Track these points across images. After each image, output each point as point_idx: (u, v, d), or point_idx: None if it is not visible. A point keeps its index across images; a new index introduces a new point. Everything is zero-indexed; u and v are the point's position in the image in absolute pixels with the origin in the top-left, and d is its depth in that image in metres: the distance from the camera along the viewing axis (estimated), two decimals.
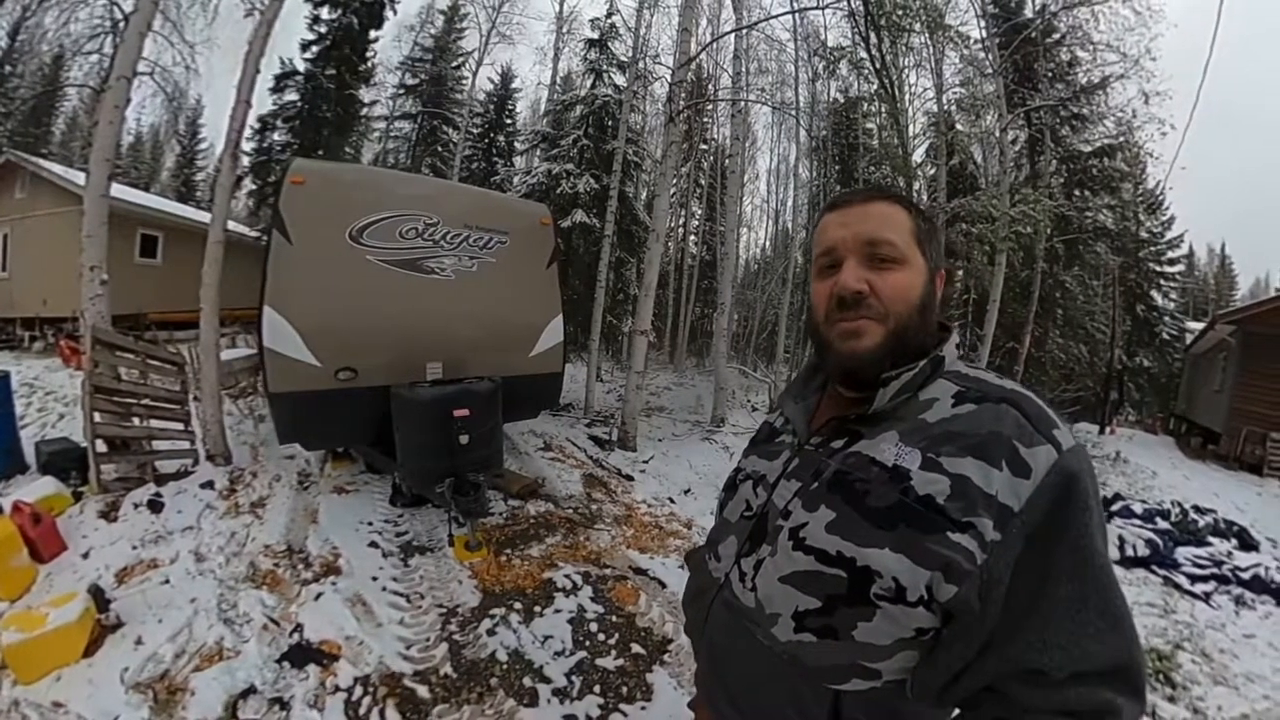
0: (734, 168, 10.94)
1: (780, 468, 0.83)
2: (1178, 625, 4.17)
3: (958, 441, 0.66)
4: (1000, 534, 0.61)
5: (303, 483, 4.41)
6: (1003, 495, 0.61)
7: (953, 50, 11.11)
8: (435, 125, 17.75)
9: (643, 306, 7.31)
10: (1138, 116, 10.57)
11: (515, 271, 4.57)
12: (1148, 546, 5.45)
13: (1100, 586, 0.61)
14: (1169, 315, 20.11)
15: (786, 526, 0.75)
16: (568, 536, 4.01)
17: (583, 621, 2.95)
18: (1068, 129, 12.92)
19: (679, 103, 6.90)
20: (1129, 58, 10.25)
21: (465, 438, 3.63)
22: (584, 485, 5.29)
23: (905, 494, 0.65)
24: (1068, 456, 0.63)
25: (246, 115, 4.58)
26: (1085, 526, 0.61)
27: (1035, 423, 0.65)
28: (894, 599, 0.64)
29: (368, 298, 3.79)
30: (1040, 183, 11.85)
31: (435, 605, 2.93)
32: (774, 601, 0.73)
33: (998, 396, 0.69)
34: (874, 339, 0.73)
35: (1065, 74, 12.12)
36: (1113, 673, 0.60)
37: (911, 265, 0.75)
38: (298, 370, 3.51)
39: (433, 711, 2.20)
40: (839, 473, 0.73)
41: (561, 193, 10.71)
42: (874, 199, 0.79)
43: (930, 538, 0.62)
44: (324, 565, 3.19)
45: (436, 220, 4.08)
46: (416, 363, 4.00)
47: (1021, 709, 0.61)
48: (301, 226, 3.55)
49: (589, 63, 12.63)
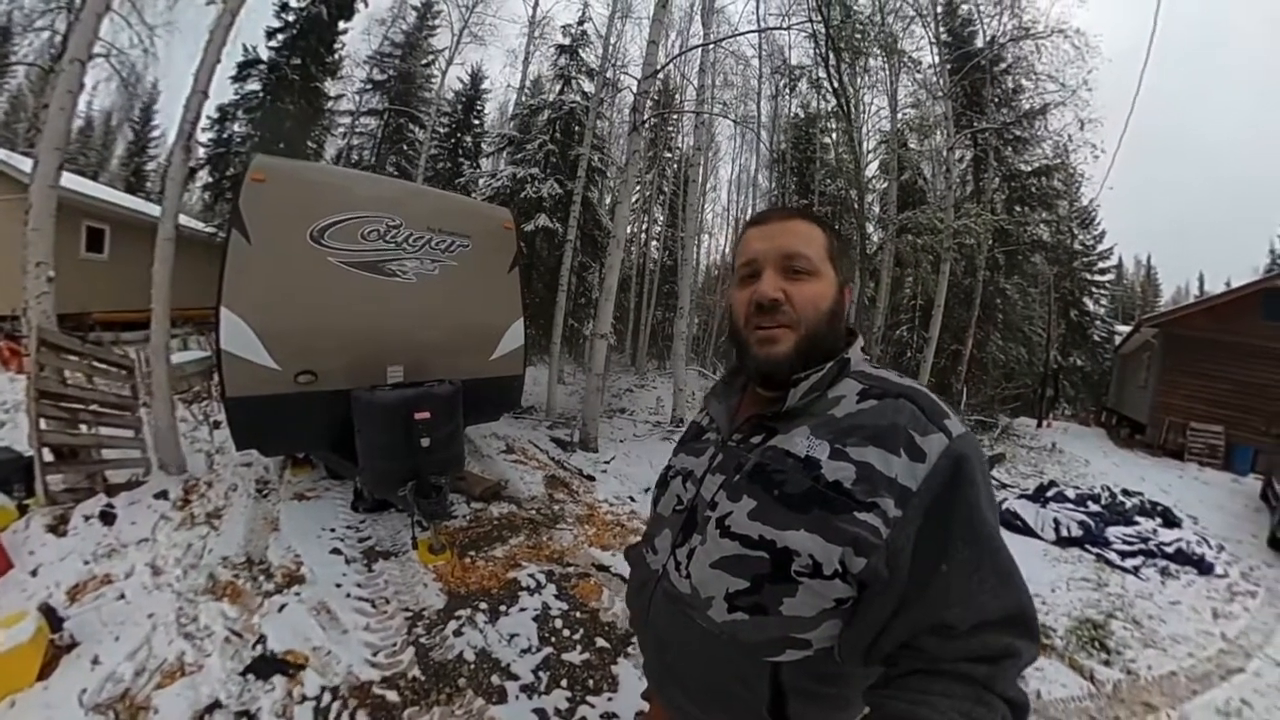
0: (696, 177, 11.10)
1: (706, 463, 0.89)
2: (1110, 597, 4.49)
3: (862, 433, 0.74)
4: (901, 511, 0.68)
5: (261, 490, 4.29)
6: (902, 477, 0.69)
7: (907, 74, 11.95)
8: (402, 123, 17.20)
9: (603, 310, 7.33)
10: (1073, 141, 11.65)
11: (477, 275, 4.54)
12: (1081, 527, 5.79)
13: (991, 549, 0.68)
14: (1100, 319, 21.74)
15: (714, 516, 0.81)
16: (531, 537, 4.02)
17: (548, 619, 2.98)
18: (1010, 150, 13.87)
19: (644, 112, 6.97)
20: (1067, 88, 11.24)
21: (427, 440, 3.61)
22: (546, 486, 5.30)
23: (816, 481, 0.72)
24: (957, 442, 0.71)
25: (202, 106, 4.35)
26: (975, 500, 0.69)
27: (929, 414, 0.74)
28: (811, 574, 0.71)
29: (328, 300, 3.70)
30: (983, 198, 12.76)
31: (401, 610, 2.91)
32: (707, 586, 0.79)
33: (896, 392, 0.77)
34: (787, 345, 0.80)
35: (1009, 100, 13.10)
36: (1008, 620, 0.67)
37: (823, 277, 0.82)
38: (255, 373, 3.41)
39: (403, 715, 2.20)
40: (758, 465, 0.80)
41: (526, 197, 10.59)
42: (793, 217, 0.87)
43: (839, 517, 0.70)
44: (286, 574, 3.12)
45: (399, 222, 4.02)
46: (377, 366, 3.94)
47: (934, 659, 0.67)
48: (261, 226, 3.45)
49: (559, 68, 12.51)
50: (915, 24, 12.02)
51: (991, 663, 0.65)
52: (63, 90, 3.89)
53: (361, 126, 17.50)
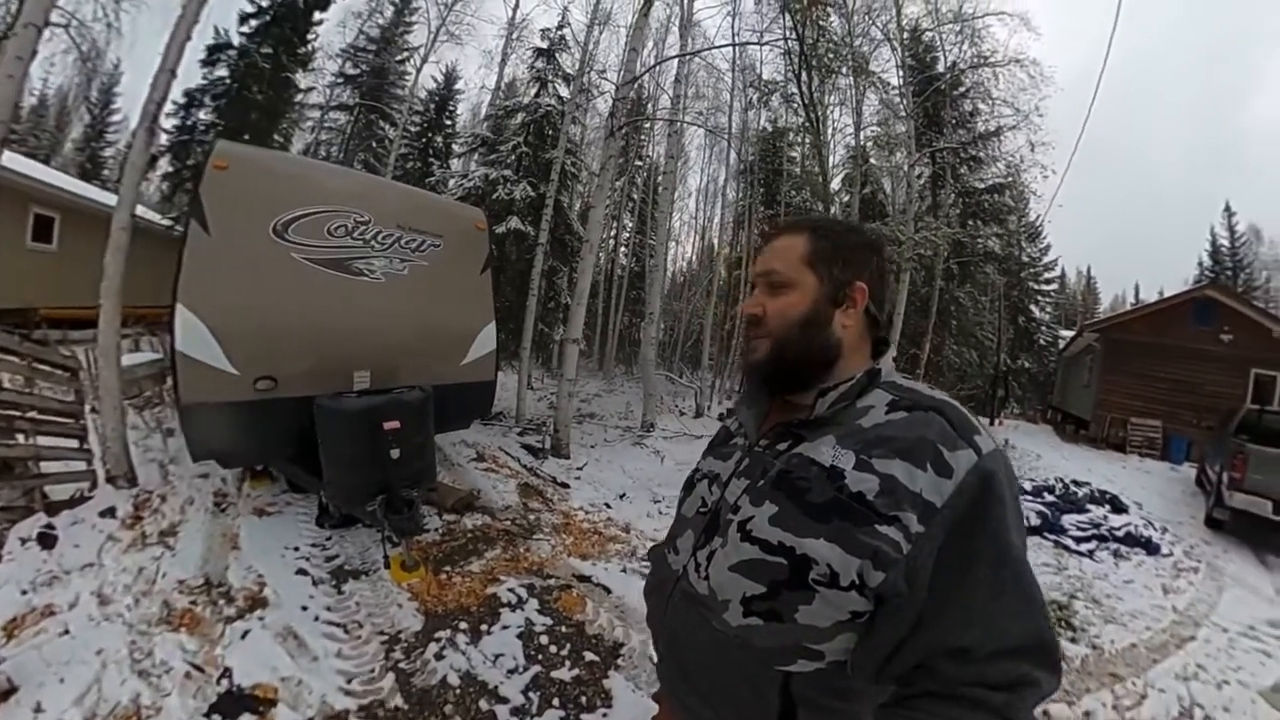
0: (667, 184, 11.21)
1: (732, 467, 0.89)
2: (1070, 579, 4.81)
3: (888, 445, 0.72)
4: (924, 526, 0.66)
5: (219, 505, 3.97)
6: (926, 492, 0.67)
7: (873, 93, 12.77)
8: (372, 120, 16.69)
9: (575, 315, 7.28)
10: (1025, 161, 12.63)
11: (448, 276, 4.36)
12: (1039, 517, 6.15)
13: (1015, 572, 0.67)
14: (1045, 325, 23.42)
15: (735, 520, 0.80)
16: (508, 549, 3.87)
17: (532, 635, 2.86)
18: (966, 168, 14.86)
19: (620, 118, 6.94)
20: (1021, 113, 12.14)
21: (397, 452, 3.40)
22: (520, 495, 5.15)
23: (840, 491, 0.71)
24: (986, 459, 0.69)
25: (170, 87, 4.02)
26: (1001, 519, 0.67)
27: (958, 429, 0.72)
28: (828, 584, 0.69)
29: (291, 299, 3.46)
30: (940, 212, 13.61)
31: (376, 633, 2.72)
32: (725, 589, 0.78)
33: (927, 405, 0.75)
34: (761, 353, 0.86)
35: (967, 122, 14.15)
36: (1029, 649, 0.65)
37: (795, 288, 0.85)
38: (212, 378, 3.15)
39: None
40: (782, 472, 0.79)
41: (498, 198, 10.42)
42: (781, 233, 0.91)
43: (860, 529, 0.68)
44: (248, 598, 2.86)
45: (368, 218, 3.80)
46: (342, 371, 3.71)
47: (949, 682, 0.65)
48: (222, 216, 3.20)
49: (535, 71, 12.40)
50: (883, 46, 12.72)
51: (1008, 691, 0.64)
52: (12, 55, 3.50)
53: (331, 121, 16.96)
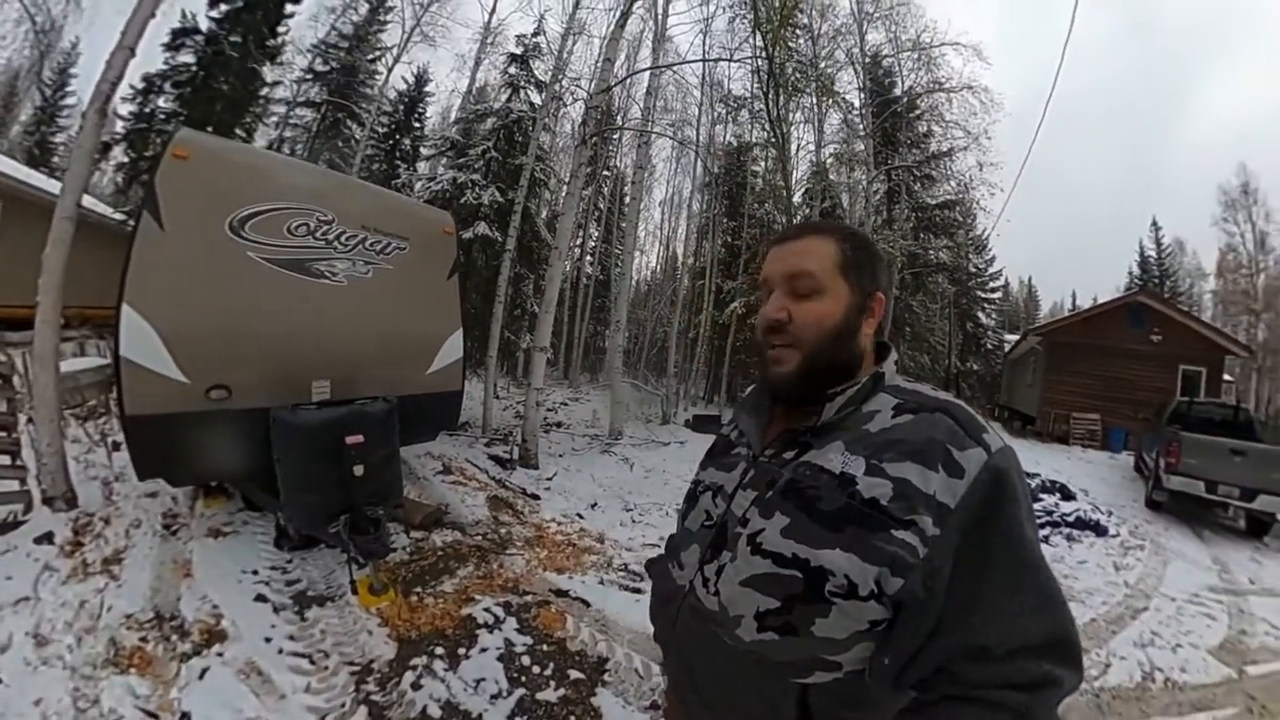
0: (634, 194, 11.30)
1: (737, 478, 0.85)
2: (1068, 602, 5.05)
3: (898, 448, 0.71)
4: (939, 529, 0.65)
5: (169, 527, 3.64)
6: (940, 494, 0.66)
7: (835, 113, 13.58)
8: (340, 118, 16.03)
9: (543, 323, 7.20)
10: (974, 180, 13.68)
11: (414, 281, 4.16)
12: None
13: (1032, 569, 0.66)
14: (991, 330, 24.76)
15: (745, 533, 0.77)
16: (480, 566, 3.71)
17: (513, 656, 2.73)
18: (919, 185, 15.89)
19: (592, 126, 6.90)
20: (971, 135, 13.19)
21: (360, 468, 3.16)
22: (489, 508, 4.99)
23: (852, 498, 0.69)
24: (996, 457, 0.69)
25: (127, 65, 3.68)
26: (1015, 517, 0.67)
27: (966, 428, 0.71)
28: (846, 595, 0.67)
29: (247, 301, 3.21)
30: (895, 226, 14.62)
31: (345, 663, 2.53)
32: (736, 604, 0.75)
33: (933, 406, 0.74)
34: (791, 365, 0.80)
35: (921, 142, 15.20)
36: (1049, 646, 0.64)
37: (830, 294, 0.79)
38: (160, 387, 2.88)
39: None
40: (791, 481, 0.76)
41: (465, 203, 10.19)
42: (805, 234, 0.85)
43: (876, 536, 0.66)
44: (204, 631, 2.61)
45: (331, 218, 3.58)
46: (301, 380, 3.45)
47: (969, 684, 0.64)
48: (177, 209, 2.94)
49: (508, 77, 12.24)
50: (846, 69, 13.59)
51: (1029, 691, 0.63)
52: None
53: (297, 118, 16.23)
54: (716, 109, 14.55)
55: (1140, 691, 3.13)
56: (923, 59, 13.82)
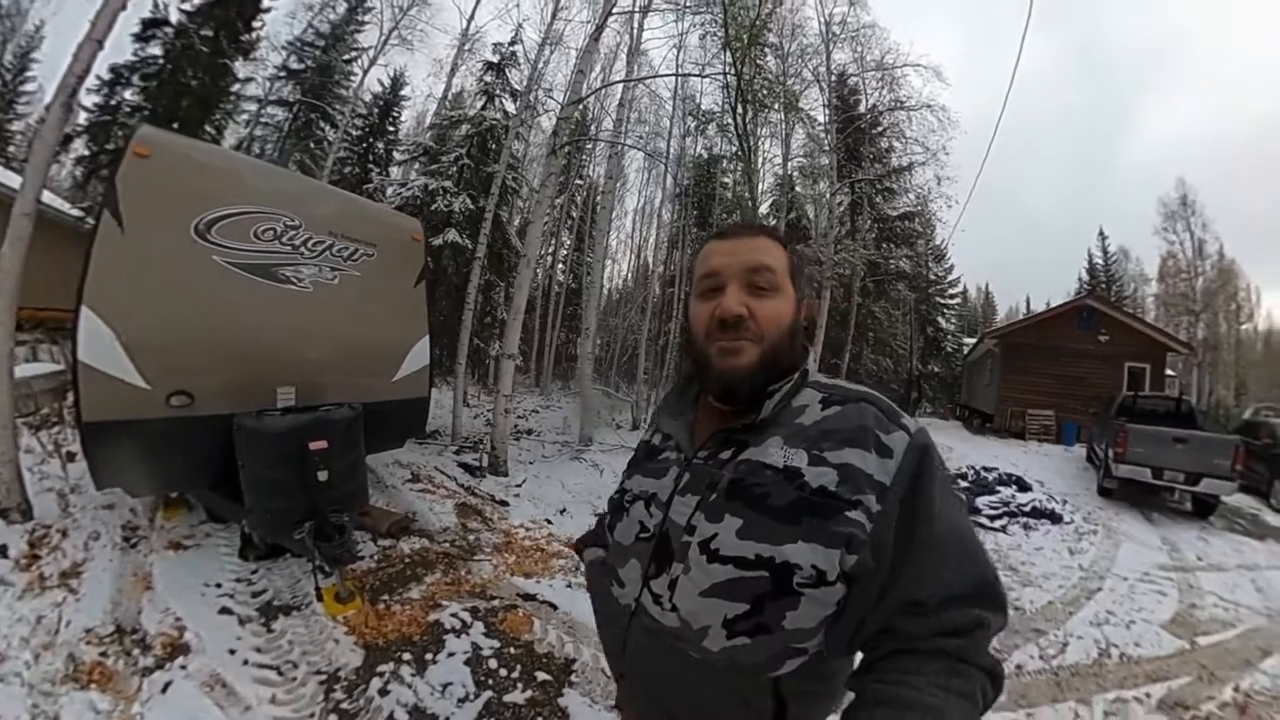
0: (605, 204, 11.38)
1: (672, 484, 0.83)
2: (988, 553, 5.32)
3: (834, 437, 0.74)
4: (881, 505, 0.70)
5: (129, 539, 3.55)
6: (877, 474, 0.71)
7: (801, 128, 13.94)
8: (312, 119, 15.53)
9: (511, 330, 7.18)
10: (932, 193, 14.40)
11: (381, 288, 4.14)
12: None
13: (955, 528, 0.71)
14: (951, 334, 25.63)
15: (695, 541, 0.75)
16: (448, 572, 3.71)
17: (480, 660, 2.75)
18: (881, 197, 16.55)
19: (564, 136, 6.97)
20: (930, 151, 13.69)
21: (324, 473, 3.13)
22: (458, 515, 4.97)
23: (802, 489, 0.71)
24: (917, 436, 0.75)
25: (95, 58, 3.57)
26: (937, 485, 0.72)
27: (888, 415, 0.76)
28: (815, 584, 0.69)
29: (211, 306, 3.16)
30: (858, 236, 15.26)
31: (312, 673, 2.51)
32: (699, 617, 0.74)
33: (856, 397, 0.79)
34: (750, 358, 0.78)
35: (883, 157, 15.67)
36: (975, 594, 0.69)
37: (784, 294, 0.82)
38: (120, 393, 2.81)
39: None
40: (734, 481, 0.76)
41: (436, 210, 10.10)
42: (757, 234, 0.85)
43: (832, 521, 0.69)
44: (167, 645, 2.56)
45: (299, 223, 3.55)
46: (265, 387, 3.42)
47: (911, 637, 0.68)
48: (139, 210, 2.88)
49: (484, 84, 12.21)
50: (813, 87, 14.04)
51: (963, 635, 0.68)
52: None
53: (268, 117, 15.63)
54: (688, 122, 14.81)
55: (1098, 667, 3.30)
56: (886, 79, 14.37)
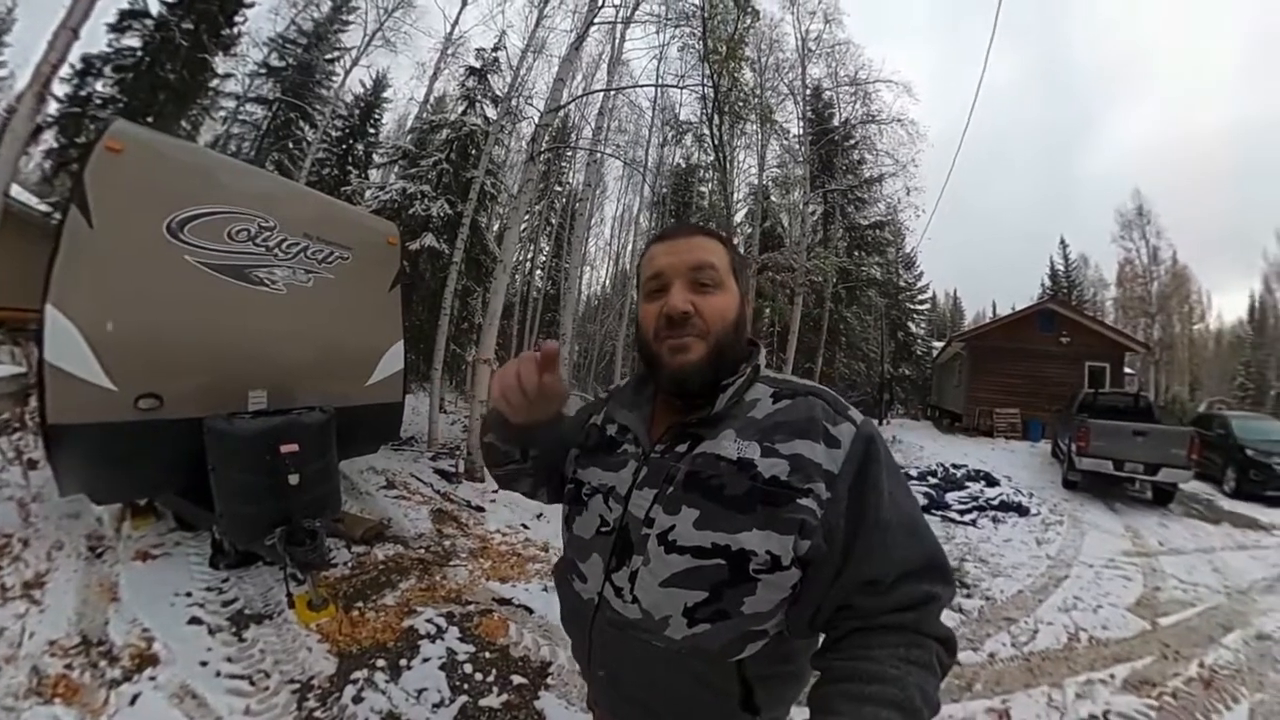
0: (583, 211, 11.46)
1: (630, 478, 0.85)
2: (959, 545, 5.58)
3: (785, 429, 0.77)
4: (830, 492, 0.73)
5: (94, 549, 3.44)
6: (826, 464, 0.74)
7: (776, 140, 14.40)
8: (292, 118, 15.18)
9: (487, 335, 7.16)
10: (901, 203, 14.89)
11: (355, 291, 4.10)
12: (925, 498, 7.12)
13: (901, 511, 0.75)
14: (920, 338, 26.87)
15: (653, 534, 0.78)
16: (423, 578, 3.69)
17: (455, 665, 2.74)
18: (853, 207, 17.52)
19: (542, 143, 7.01)
20: (900, 163, 14.40)
21: (296, 477, 3.09)
22: (433, 521, 4.94)
23: (755, 479, 0.74)
24: (862, 427, 0.78)
25: (70, 47, 3.51)
26: (883, 473, 0.76)
27: (835, 408, 0.80)
28: (771, 569, 0.73)
29: (182, 307, 3.09)
30: (830, 244, 15.85)
31: (285, 682, 2.47)
32: (661, 606, 0.77)
33: (805, 391, 0.83)
34: (698, 353, 0.80)
35: (855, 169, 16.56)
36: (925, 570, 0.73)
37: (728, 290, 0.84)
38: (87, 395, 2.72)
39: None
40: (690, 473, 0.78)
41: (414, 214, 9.98)
42: (697, 233, 0.88)
43: (784, 509, 0.72)
44: (135, 656, 2.48)
45: (274, 224, 3.51)
46: (236, 390, 3.35)
47: (868, 614, 0.72)
48: (109, 206, 2.80)
49: (466, 89, 12.15)
50: (788, 100, 14.60)
51: (916, 609, 0.71)
52: None
53: (246, 114, 15.30)
54: (666, 132, 15.08)
55: (1067, 651, 3.43)
56: (859, 93, 15.09)
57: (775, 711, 0.84)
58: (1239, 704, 2.94)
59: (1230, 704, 2.93)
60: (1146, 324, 28.25)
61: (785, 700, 0.86)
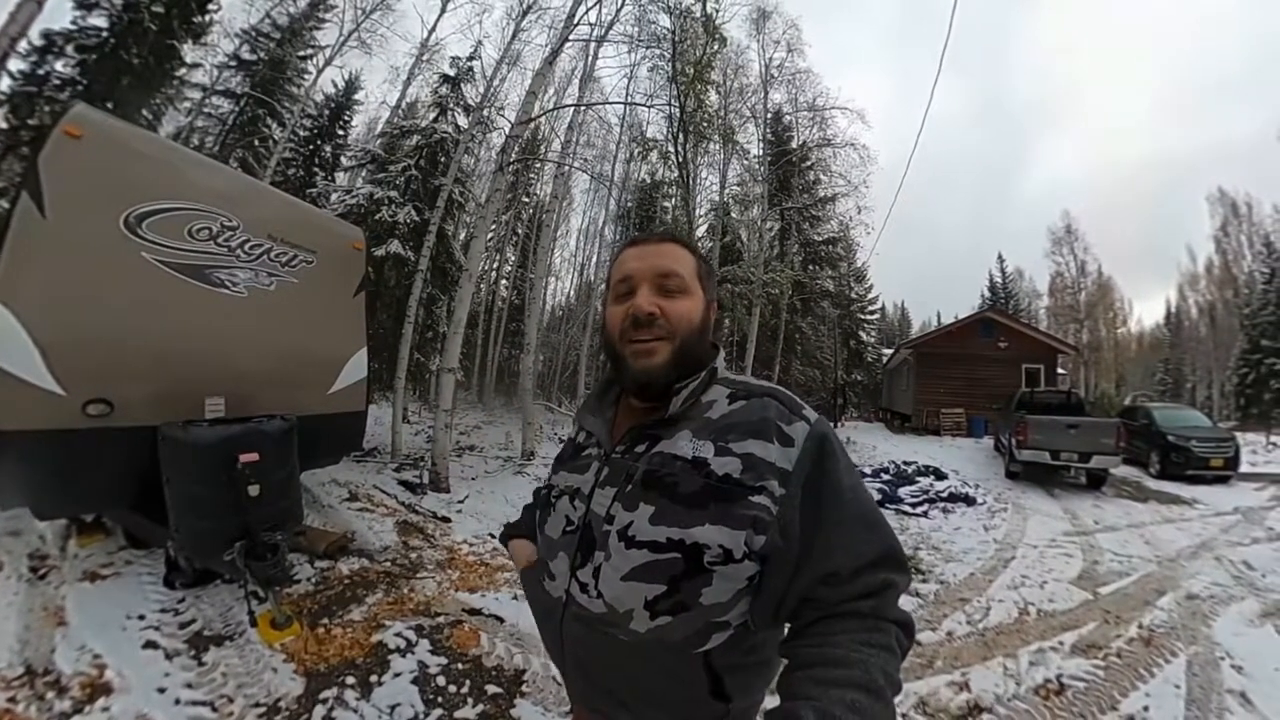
0: (550, 222, 11.51)
1: (593, 478, 0.87)
2: (912, 536, 5.80)
3: (739, 429, 0.79)
4: (784, 489, 0.75)
5: (37, 570, 3.19)
6: (779, 462, 0.76)
7: (737, 159, 15.08)
8: (259, 114, 14.43)
9: (451, 344, 7.03)
10: (853, 221, 15.82)
11: (319, 296, 3.96)
12: (879, 493, 7.46)
13: (857, 505, 0.77)
14: (872, 346, 28.50)
15: (614, 530, 0.80)
16: (390, 591, 3.57)
17: (428, 678, 2.65)
18: (808, 224, 18.66)
19: (512, 154, 6.98)
20: (852, 184, 15.76)
21: (256, 488, 2.91)
22: (399, 533, 4.79)
23: (708, 477, 0.76)
24: (816, 425, 0.80)
25: (33, 19, 3.25)
26: (838, 468, 0.78)
27: (789, 407, 0.81)
28: (724, 561, 0.74)
29: (137, 307, 2.91)
30: (786, 259, 17.05)
31: (250, 706, 2.33)
32: (623, 600, 0.78)
33: (761, 392, 0.84)
34: (663, 356, 0.83)
35: (810, 188, 17.59)
36: (882, 560, 0.74)
37: (694, 295, 0.87)
38: (29, 398, 2.50)
39: None
40: (648, 472, 0.80)
41: (380, 219, 9.70)
42: (666, 240, 0.91)
43: (736, 505, 0.74)
44: (86, 685, 2.28)
45: (237, 224, 3.35)
46: (192, 397, 3.16)
47: (830, 604, 0.74)
48: (64, 196, 2.62)
49: (438, 97, 11.92)
50: (750, 123, 15.40)
51: (875, 596, 0.74)
52: None
53: (212, 107, 14.49)
54: (633, 148, 15.32)
55: (1019, 624, 3.63)
56: (816, 118, 16.05)
57: (747, 699, 0.85)
58: (1177, 657, 3.19)
59: (1169, 658, 3.18)
60: (1076, 329, 30.93)
61: (755, 688, 0.87)
